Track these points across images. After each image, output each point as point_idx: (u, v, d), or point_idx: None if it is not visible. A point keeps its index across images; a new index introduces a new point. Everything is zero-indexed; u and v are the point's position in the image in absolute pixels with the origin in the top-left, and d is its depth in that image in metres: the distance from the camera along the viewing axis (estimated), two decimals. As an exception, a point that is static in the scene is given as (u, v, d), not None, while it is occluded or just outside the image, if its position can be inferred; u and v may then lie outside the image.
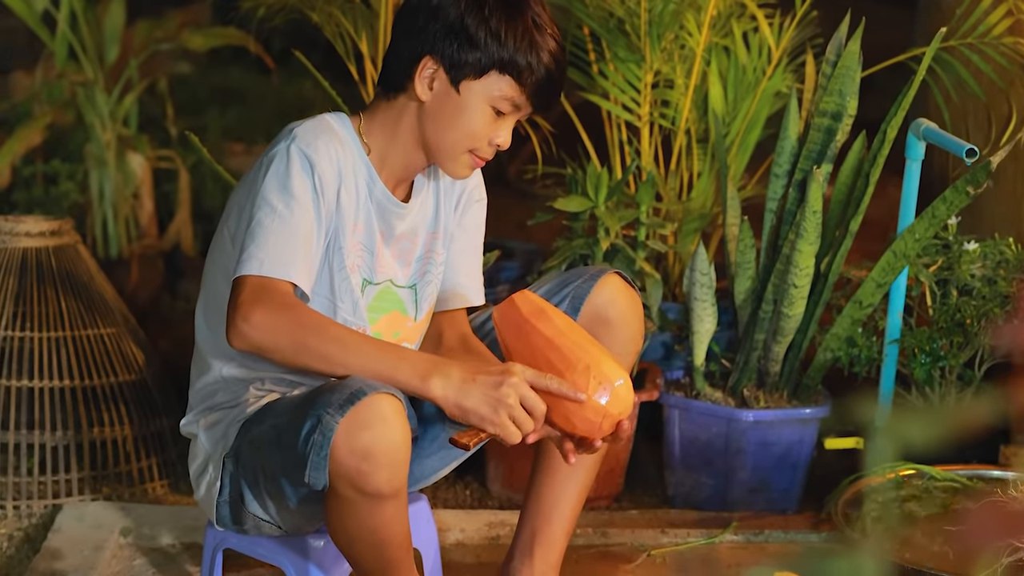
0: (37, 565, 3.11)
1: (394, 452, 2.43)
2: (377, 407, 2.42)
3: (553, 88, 2.70)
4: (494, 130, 2.68)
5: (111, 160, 4.83)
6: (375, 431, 2.41)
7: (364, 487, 2.43)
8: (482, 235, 2.88)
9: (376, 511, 2.47)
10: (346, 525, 2.51)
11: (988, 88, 3.82)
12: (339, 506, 2.48)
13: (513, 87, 2.65)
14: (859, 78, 3.41)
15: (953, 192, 3.35)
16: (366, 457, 2.41)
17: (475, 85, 2.65)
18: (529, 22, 2.66)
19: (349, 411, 2.41)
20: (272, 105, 5.50)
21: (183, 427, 2.79)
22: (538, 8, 2.70)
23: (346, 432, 2.40)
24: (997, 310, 3.48)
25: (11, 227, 3.68)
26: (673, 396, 3.57)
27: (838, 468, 3.65)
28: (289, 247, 2.54)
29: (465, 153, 2.68)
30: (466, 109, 2.66)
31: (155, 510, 3.43)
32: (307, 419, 2.44)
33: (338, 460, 2.41)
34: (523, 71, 2.64)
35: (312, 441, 2.42)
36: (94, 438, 3.59)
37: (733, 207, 3.56)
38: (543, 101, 2.70)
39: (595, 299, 2.77)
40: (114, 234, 4.85)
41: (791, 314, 3.44)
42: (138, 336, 3.76)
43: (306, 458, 2.43)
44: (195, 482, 2.76)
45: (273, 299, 2.50)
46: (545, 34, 2.67)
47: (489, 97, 2.65)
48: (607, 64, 3.90)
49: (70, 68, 4.85)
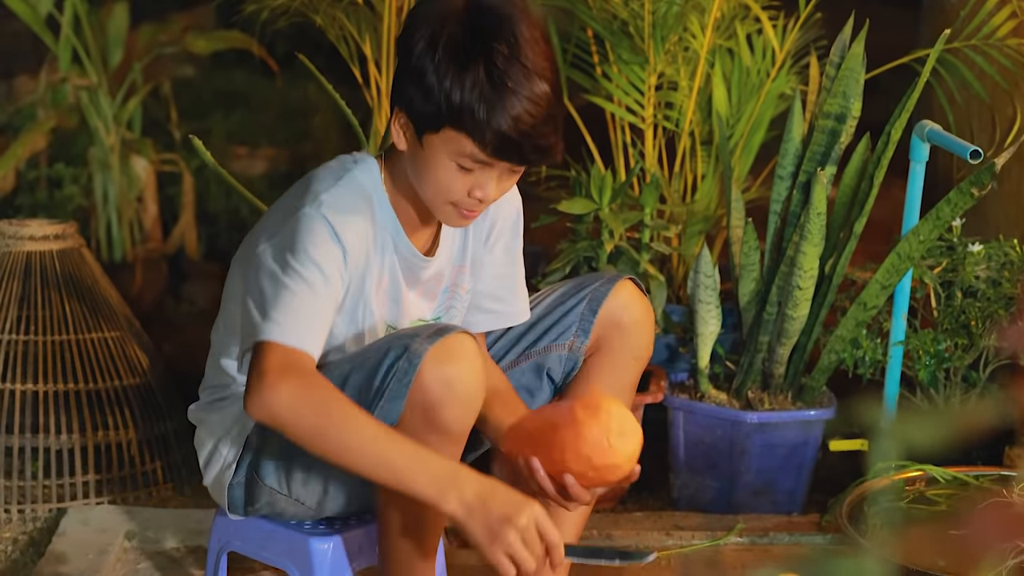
0: (42, 569, 3.11)
1: (473, 390, 2.48)
2: (466, 343, 2.48)
3: (522, 147, 2.47)
4: (469, 184, 2.51)
5: (115, 164, 4.83)
6: (462, 365, 2.46)
7: (437, 417, 2.46)
8: (515, 258, 2.81)
9: (437, 450, 2.46)
10: None
11: (992, 90, 3.81)
12: None
13: (470, 144, 2.47)
14: (863, 80, 3.41)
15: (957, 194, 3.35)
16: (449, 386, 2.45)
17: (435, 139, 2.49)
18: (482, 73, 2.43)
19: (438, 341, 2.46)
20: (276, 108, 5.51)
21: (191, 412, 2.79)
22: (503, 52, 2.45)
23: (434, 358, 2.44)
24: (1002, 312, 3.48)
25: (15, 231, 3.68)
26: (677, 398, 3.57)
27: (843, 470, 3.65)
28: (313, 319, 2.49)
29: (447, 205, 2.55)
30: (430, 164, 2.51)
31: (160, 513, 3.43)
32: (389, 353, 2.47)
33: (423, 385, 2.44)
34: (475, 129, 2.45)
35: (396, 368, 2.46)
36: (99, 442, 3.59)
37: (737, 209, 3.56)
38: (514, 159, 2.50)
39: (611, 303, 2.78)
40: (118, 238, 4.85)
41: (795, 316, 3.44)
42: (142, 339, 3.76)
43: (383, 390, 2.47)
44: (205, 469, 2.76)
45: (302, 377, 2.44)
46: (505, 87, 2.43)
47: (448, 152, 2.49)
48: (611, 66, 3.90)
49: (74, 72, 4.85)
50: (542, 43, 2.49)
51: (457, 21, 2.46)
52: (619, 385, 2.79)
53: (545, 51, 2.49)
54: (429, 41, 2.45)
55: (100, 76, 4.82)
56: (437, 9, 2.48)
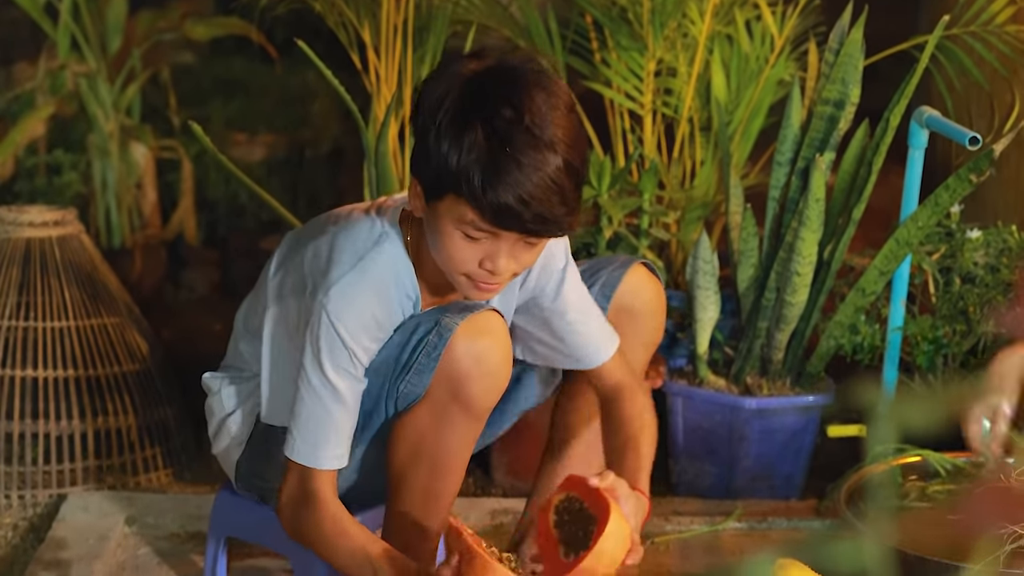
0: (42, 555, 3.12)
1: (500, 366, 2.52)
2: (496, 320, 2.53)
3: (523, 217, 2.35)
4: (479, 254, 2.43)
5: (114, 150, 4.83)
6: (491, 340, 2.50)
7: (463, 392, 2.50)
8: (568, 305, 2.72)
9: (458, 426, 2.53)
10: (417, 440, 2.56)
11: (991, 76, 3.81)
12: (419, 418, 2.54)
13: (470, 212, 2.37)
14: (862, 66, 3.41)
15: (956, 180, 3.35)
16: (479, 361, 2.49)
17: (439, 207, 2.41)
18: (480, 136, 2.33)
19: (469, 316, 2.49)
20: (275, 95, 5.50)
21: (206, 379, 2.81)
22: (507, 116, 2.34)
23: (465, 333, 2.48)
24: (1000, 298, 3.48)
25: (14, 217, 3.68)
26: (676, 384, 3.58)
27: (841, 456, 3.65)
28: (330, 436, 2.54)
29: (460, 276, 2.47)
30: (439, 232, 2.43)
31: (159, 499, 3.43)
32: (419, 327, 2.51)
33: (452, 358, 2.48)
34: (472, 195, 2.35)
35: (425, 342, 2.49)
36: (98, 427, 3.60)
37: (736, 195, 3.56)
38: (516, 228, 2.38)
39: (624, 289, 2.78)
40: (117, 224, 4.85)
41: (794, 302, 3.44)
42: (141, 326, 3.76)
43: (410, 364, 2.51)
44: (214, 438, 2.80)
45: (302, 499, 2.56)
46: (504, 152, 2.33)
47: (452, 220, 2.40)
48: (610, 52, 3.90)
49: (73, 58, 4.85)
50: (561, 113, 2.38)
51: (465, 85, 2.39)
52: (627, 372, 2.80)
53: (563, 121, 2.38)
54: (435, 104, 2.38)
55: (99, 63, 4.81)
56: (450, 73, 2.42)
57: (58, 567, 3.06)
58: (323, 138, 5.36)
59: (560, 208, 2.37)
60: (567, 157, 2.37)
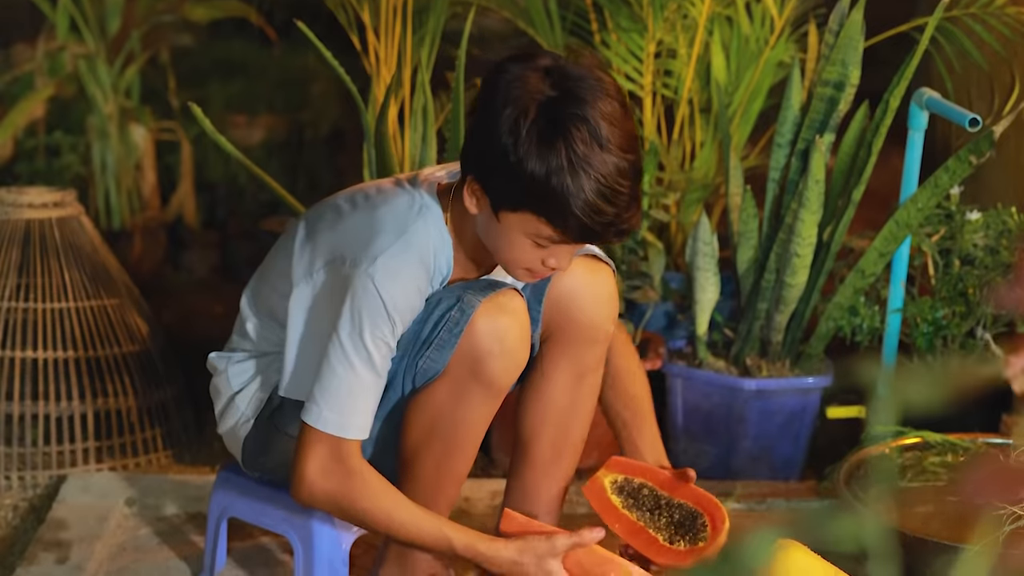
0: (42, 535, 3.12)
1: (521, 345, 2.56)
2: (517, 299, 2.57)
3: (604, 234, 2.45)
4: (543, 255, 2.50)
5: (113, 132, 4.83)
6: (512, 319, 2.54)
7: (484, 369, 2.53)
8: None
9: (475, 403, 2.56)
10: (434, 416, 2.58)
11: (991, 58, 3.81)
12: (437, 395, 2.56)
13: (549, 229, 2.45)
14: (862, 48, 3.40)
15: (956, 162, 3.35)
16: (500, 338, 2.53)
17: (512, 218, 2.46)
18: (565, 159, 2.39)
19: (491, 294, 2.54)
20: (275, 77, 5.50)
21: (211, 360, 2.81)
22: (584, 137, 2.39)
23: (487, 310, 2.53)
24: (999, 280, 3.48)
25: (14, 198, 3.68)
26: (676, 365, 3.58)
27: (840, 437, 3.66)
28: (359, 404, 2.54)
29: (519, 269, 2.54)
30: (504, 237, 2.49)
31: (160, 480, 3.44)
32: (441, 303, 2.54)
33: (474, 335, 2.52)
34: (556, 216, 2.42)
35: (447, 318, 2.53)
36: (98, 409, 3.60)
37: (736, 177, 3.56)
38: (594, 241, 2.51)
39: (555, 290, 2.72)
40: (116, 206, 4.85)
41: (793, 283, 3.44)
42: (141, 307, 3.76)
43: (431, 340, 2.53)
44: (220, 418, 2.79)
45: (338, 470, 2.55)
46: (592, 173, 2.39)
47: (525, 232, 2.47)
48: (609, 34, 3.90)
49: (72, 40, 4.85)
50: (620, 118, 2.44)
51: (539, 107, 2.41)
52: (577, 370, 2.76)
53: (624, 128, 2.44)
54: (512, 127, 2.41)
55: (98, 44, 4.81)
56: (520, 93, 2.43)
57: (58, 548, 3.06)
58: (323, 120, 5.37)
59: (636, 218, 2.47)
60: (635, 163, 2.45)
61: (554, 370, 2.75)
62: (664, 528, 2.71)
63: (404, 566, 2.73)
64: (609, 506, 2.74)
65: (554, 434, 2.79)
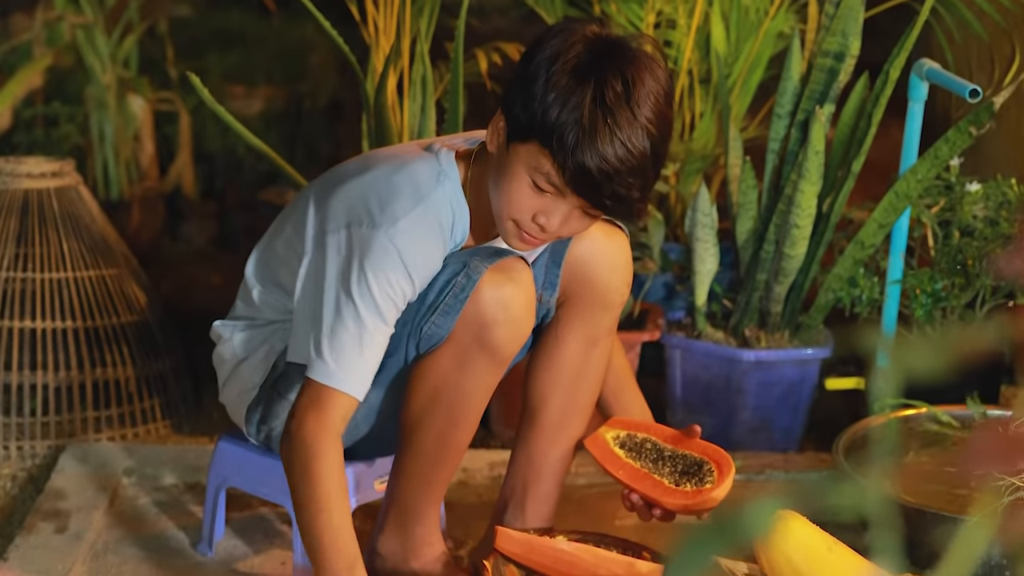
0: (41, 505, 3.13)
1: (526, 313, 2.56)
2: (522, 267, 2.56)
3: (601, 188, 2.39)
4: (536, 206, 2.45)
5: (112, 102, 4.82)
6: (517, 286, 2.53)
7: (488, 336, 2.53)
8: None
9: (479, 371, 2.55)
10: (437, 384, 2.57)
11: (991, 29, 3.80)
12: (441, 362, 2.56)
13: (549, 164, 2.41)
14: (862, 18, 3.39)
15: (956, 133, 3.34)
16: (505, 306, 2.52)
17: (520, 149, 2.43)
18: (588, 100, 2.36)
19: (497, 261, 2.53)
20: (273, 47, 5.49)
21: (215, 328, 2.80)
22: (616, 89, 2.36)
23: (492, 277, 2.52)
24: (999, 251, 3.48)
25: (12, 168, 3.68)
26: (675, 337, 3.58)
27: (839, 408, 3.66)
28: (363, 360, 2.50)
29: (508, 221, 2.49)
30: (508, 172, 2.45)
31: (158, 450, 3.44)
32: (446, 269, 2.53)
33: (479, 302, 2.51)
34: (559, 151, 2.38)
35: (453, 284, 2.52)
36: (96, 379, 3.60)
37: (735, 148, 3.55)
38: (590, 197, 2.42)
39: (574, 253, 2.73)
40: (115, 176, 4.85)
41: (793, 254, 3.44)
42: (140, 277, 3.76)
43: (437, 305, 2.53)
44: (223, 386, 2.80)
45: (322, 420, 2.49)
46: (605, 122, 2.36)
47: (527, 166, 2.43)
48: (609, 4, 3.89)
49: (70, 10, 4.84)
50: (661, 101, 2.42)
51: (586, 45, 2.41)
52: (591, 335, 2.76)
53: (662, 111, 2.42)
54: (552, 55, 2.39)
55: (96, 14, 4.80)
56: (572, 29, 2.43)
57: (57, 517, 3.07)
58: (321, 90, 5.35)
59: (636, 191, 2.41)
60: (657, 145, 2.41)
61: (568, 333, 2.75)
62: (668, 476, 2.70)
63: (403, 535, 2.73)
64: (612, 456, 2.73)
65: (563, 400, 2.78)
